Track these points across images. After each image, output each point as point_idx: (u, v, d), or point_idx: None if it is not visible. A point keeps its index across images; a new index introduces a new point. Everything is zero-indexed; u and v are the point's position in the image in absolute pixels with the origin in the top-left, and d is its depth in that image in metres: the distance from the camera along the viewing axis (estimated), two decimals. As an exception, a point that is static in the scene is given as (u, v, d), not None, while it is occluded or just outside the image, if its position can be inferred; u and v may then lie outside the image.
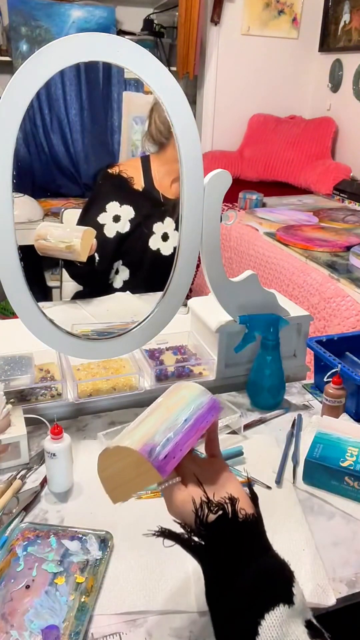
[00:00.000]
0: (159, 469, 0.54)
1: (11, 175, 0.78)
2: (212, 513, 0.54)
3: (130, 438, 0.57)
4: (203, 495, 0.55)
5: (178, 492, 0.57)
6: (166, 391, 0.66)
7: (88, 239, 1.28)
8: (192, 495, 0.56)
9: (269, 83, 3.28)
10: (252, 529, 0.55)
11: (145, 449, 0.55)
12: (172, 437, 0.57)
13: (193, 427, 0.59)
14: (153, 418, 0.60)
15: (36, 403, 0.98)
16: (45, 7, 2.78)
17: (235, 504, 0.55)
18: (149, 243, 1.46)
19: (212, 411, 0.62)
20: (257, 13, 3.12)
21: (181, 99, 0.85)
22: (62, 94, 2.78)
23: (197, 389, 0.64)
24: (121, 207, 1.46)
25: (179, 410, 0.60)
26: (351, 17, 2.96)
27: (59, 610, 0.64)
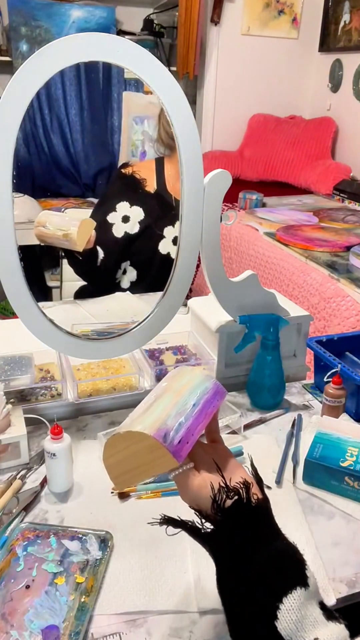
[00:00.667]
0: (174, 454, 0.53)
1: (11, 175, 0.78)
2: (229, 498, 0.54)
3: (142, 423, 0.56)
4: (221, 480, 0.55)
5: (193, 477, 0.56)
6: (168, 375, 0.65)
7: (86, 229, 1.29)
8: (209, 481, 0.55)
9: (269, 83, 3.28)
10: (264, 513, 0.55)
11: (160, 434, 0.54)
12: (183, 422, 0.56)
13: (202, 411, 0.59)
14: (162, 402, 0.59)
15: (36, 403, 0.98)
16: (45, 7, 2.78)
17: (249, 489, 0.55)
18: (159, 246, 1.45)
19: (217, 395, 0.62)
20: (257, 13, 3.12)
21: (181, 99, 0.85)
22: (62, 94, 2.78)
23: (201, 373, 0.64)
24: (131, 208, 1.46)
25: (186, 395, 0.60)
26: (351, 17, 2.96)
27: (59, 610, 0.64)
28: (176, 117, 0.86)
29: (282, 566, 0.51)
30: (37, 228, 1.24)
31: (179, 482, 0.58)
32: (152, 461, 0.55)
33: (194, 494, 0.56)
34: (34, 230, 1.24)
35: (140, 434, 0.54)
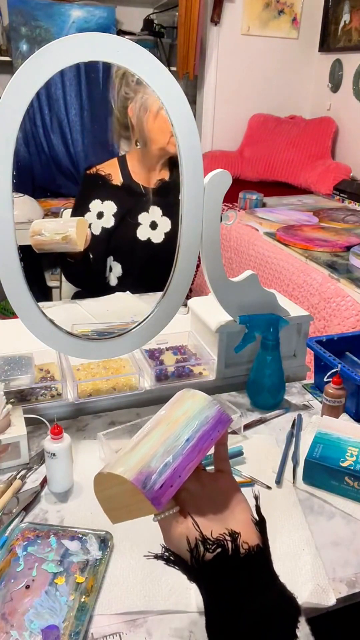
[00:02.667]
0: (153, 501, 0.49)
1: (11, 175, 0.78)
2: (209, 552, 0.50)
3: (125, 464, 0.52)
4: (198, 534, 0.51)
5: (175, 524, 0.52)
6: (170, 400, 0.61)
7: (82, 228, 1.30)
8: (186, 533, 0.51)
9: (269, 83, 3.28)
10: (255, 562, 0.51)
11: (139, 479, 0.50)
12: (170, 462, 0.52)
13: (195, 447, 0.54)
14: (152, 437, 0.55)
15: (36, 403, 0.98)
16: (45, 7, 2.78)
17: (236, 539, 0.51)
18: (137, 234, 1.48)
19: (218, 426, 0.57)
20: (257, 13, 3.12)
21: (181, 98, 0.85)
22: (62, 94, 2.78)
23: (203, 399, 0.59)
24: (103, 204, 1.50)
25: (181, 428, 0.55)
26: (351, 17, 2.96)
27: (59, 610, 0.64)
28: (176, 117, 0.86)
29: (270, 623, 0.48)
30: (33, 238, 1.24)
31: (162, 527, 0.54)
32: (134, 504, 0.51)
33: (175, 544, 0.52)
34: (31, 240, 1.24)
35: (119, 478, 0.51)
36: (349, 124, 3.07)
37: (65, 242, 1.26)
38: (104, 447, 0.90)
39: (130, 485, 0.50)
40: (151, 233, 1.47)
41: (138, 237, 1.47)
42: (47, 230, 1.25)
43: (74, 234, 1.25)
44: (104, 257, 1.51)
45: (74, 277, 1.59)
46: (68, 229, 1.26)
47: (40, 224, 1.27)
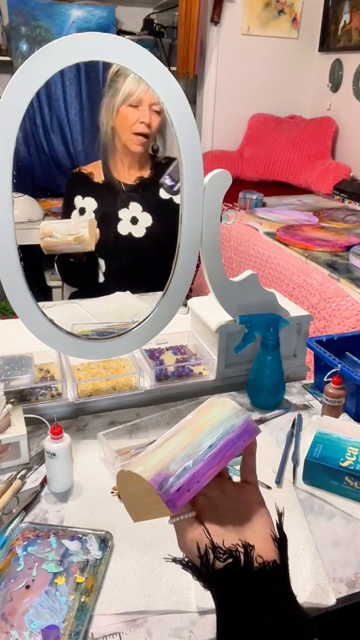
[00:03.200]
0: (168, 504, 0.49)
1: (11, 175, 0.78)
2: (220, 561, 0.49)
3: (145, 464, 0.52)
4: (208, 541, 0.50)
5: (189, 529, 0.52)
6: (200, 406, 0.60)
7: (93, 228, 1.33)
8: (198, 539, 0.51)
9: (269, 83, 3.28)
10: (270, 578, 0.49)
11: (157, 479, 0.50)
12: (189, 467, 0.51)
13: (218, 454, 0.53)
14: (175, 441, 0.54)
15: (36, 403, 0.98)
16: (45, 7, 2.78)
17: (249, 551, 0.50)
18: (118, 229, 1.50)
19: (244, 435, 0.56)
20: (257, 13, 3.12)
21: (181, 99, 0.85)
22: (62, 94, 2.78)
23: (231, 407, 0.58)
24: (84, 200, 1.53)
25: (205, 434, 0.54)
26: (351, 17, 2.96)
27: (59, 610, 0.64)
28: (176, 117, 0.86)
29: None
30: (43, 240, 1.27)
31: (177, 531, 0.54)
32: (153, 504, 0.51)
33: (187, 548, 0.52)
34: (41, 242, 1.27)
35: (138, 477, 0.51)
36: (349, 124, 3.07)
37: (77, 242, 1.28)
38: (104, 447, 0.90)
39: (148, 485, 0.50)
40: (132, 228, 1.50)
41: (119, 231, 1.50)
42: (58, 232, 1.27)
43: (87, 234, 1.28)
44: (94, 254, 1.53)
45: (73, 277, 1.62)
46: (80, 229, 1.28)
47: (50, 226, 1.29)
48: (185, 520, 0.52)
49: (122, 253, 1.53)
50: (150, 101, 1.41)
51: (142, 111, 1.42)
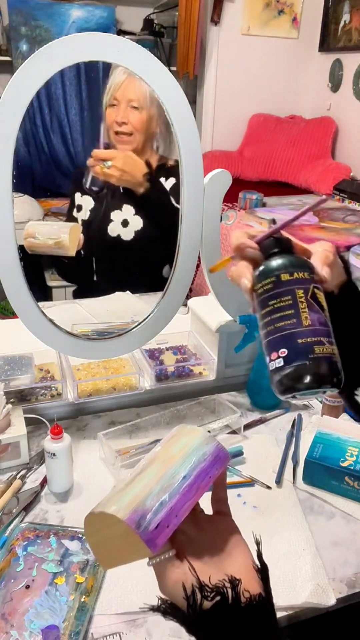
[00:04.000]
0: (148, 543, 0.45)
1: (11, 175, 0.78)
2: (208, 600, 0.46)
3: (118, 502, 0.48)
4: (195, 580, 0.47)
5: (171, 569, 0.48)
6: (165, 436, 0.57)
7: (75, 234, 1.33)
8: (182, 579, 0.47)
9: (269, 83, 3.27)
10: (257, 612, 0.47)
11: (134, 518, 0.46)
12: (166, 501, 0.48)
13: (192, 485, 0.50)
14: (147, 475, 0.51)
15: (36, 403, 0.98)
16: (45, 7, 2.78)
17: (237, 586, 0.47)
18: (108, 230, 1.51)
19: (216, 463, 0.53)
20: (257, 13, 3.12)
21: (181, 99, 0.85)
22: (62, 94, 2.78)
23: (200, 435, 0.55)
24: (82, 197, 1.54)
25: (177, 464, 0.51)
26: (351, 17, 2.96)
27: (59, 610, 0.64)
28: (176, 117, 0.86)
29: None
30: (26, 240, 1.27)
31: (157, 572, 0.49)
32: (130, 545, 0.47)
33: (170, 590, 0.48)
34: (24, 242, 1.26)
35: (112, 517, 0.47)
36: (349, 124, 3.07)
37: (57, 247, 1.28)
38: (104, 447, 0.90)
39: (124, 525, 0.46)
40: (121, 230, 1.51)
41: (109, 232, 1.51)
42: (41, 234, 1.27)
43: (67, 240, 1.28)
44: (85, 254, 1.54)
45: (67, 275, 1.65)
46: (61, 234, 1.28)
47: (34, 227, 1.29)
48: (165, 560, 0.49)
49: (109, 254, 1.54)
50: (126, 98, 1.40)
51: (119, 110, 1.42)
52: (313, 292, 0.52)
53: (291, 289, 0.52)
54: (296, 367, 0.49)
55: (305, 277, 0.53)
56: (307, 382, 0.49)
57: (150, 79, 0.83)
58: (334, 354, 0.50)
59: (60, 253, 1.31)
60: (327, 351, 0.50)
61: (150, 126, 1.45)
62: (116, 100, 1.41)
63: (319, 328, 0.50)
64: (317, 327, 0.50)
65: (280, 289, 0.53)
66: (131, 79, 1.38)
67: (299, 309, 0.51)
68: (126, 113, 1.42)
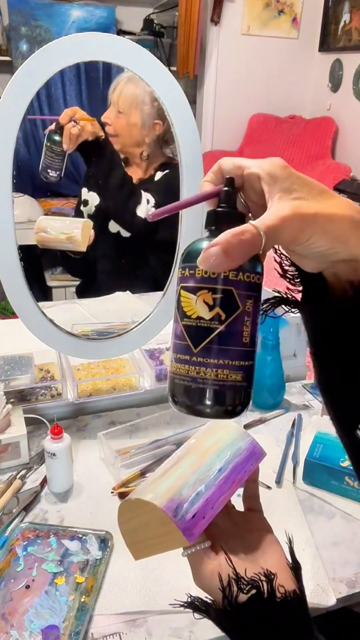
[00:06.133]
0: (185, 532, 0.45)
1: (11, 175, 0.78)
2: (244, 592, 0.46)
3: (154, 490, 0.48)
4: (232, 571, 0.47)
5: (207, 561, 0.48)
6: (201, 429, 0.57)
7: (87, 230, 1.34)
8: (219, 570, 0.47)
9: (269, 83, 3.28)
10: (293, 608, 0.46)
11: (171, 506, 0.46)
12: (202, 492, 0.48)
13: (228, 478, 0.50)
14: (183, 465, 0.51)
15: (36, 403, 0.98)
16: (45, 7, 2.78)
17: (272, 580, 0.46)
18: (109, 226, 1.52)
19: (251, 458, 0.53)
20: (257, 13, 3.12)
21: (181, 99, 0.85)
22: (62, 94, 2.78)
23: (235, 430, 0.55)
24: (89, 193, 1.55)
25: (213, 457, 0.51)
26: (351, 17, 2.96)
27: (59, 610, 0.64)
28: (176, 117, 0.86)
29: None
30: (38, 234, 1.28)
31: (192, 563, 0.50)
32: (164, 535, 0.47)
33: (205, 581, 0.48)
34: (35, 236, 1.27)
35: (149, 504, 0.47)
36: (349, 124, 3.07)
37: (69, 242, 1.29)
38: (104, 447, 0.90)
39: (161, 512, 0.46)
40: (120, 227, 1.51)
41: (109, 229, 1.51)
42: (53, 229, 1.28)
43: (79, 235, 1.28)
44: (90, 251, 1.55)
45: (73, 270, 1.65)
46: (73, 229, 1.29)
47: (46, 222, 1.30)
48: (200, 551, 0.49)
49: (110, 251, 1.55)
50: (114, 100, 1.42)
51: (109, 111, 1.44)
52: (179, 294, 0.40)
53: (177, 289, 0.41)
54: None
55: (180, 276, 0.41)
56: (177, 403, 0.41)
57: (150, 79, 0.83)
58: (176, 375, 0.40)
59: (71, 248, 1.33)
60: (171, 370, 0.41)
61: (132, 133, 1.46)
62: (110, 101, 1.44)
63: (173, 342, 0.41)
64: (172, 340, 0.41)
65: None
66: (124, 83, 1.40)
67: None
68: (111, 114, 1.45)
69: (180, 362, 0.39)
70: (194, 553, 0.49)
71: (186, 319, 0.39)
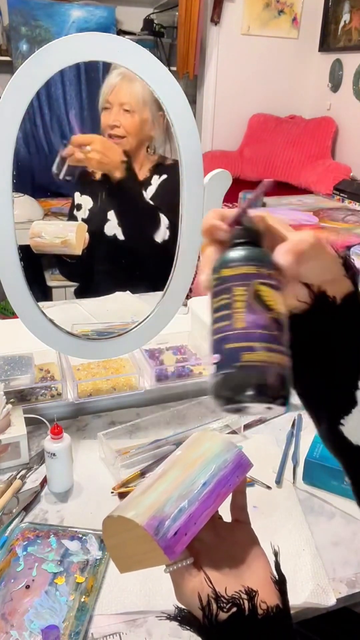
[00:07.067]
0: (166, 550, 0.45)
1: (11, 175, 0.78)
2: (223, 611, 0.45)
3: (137, 507, 0.47)
4: (211, 590, 0.46)
5: (188, 578, 0.47)
6: (187, 441, 0.56)
7: (81, 233, 1.34)
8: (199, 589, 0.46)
9: (269, 83, 3.28)
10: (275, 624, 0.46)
11: (152, 524, 0.45)
12: (185, 508, 0.47)
13: (212, 492, 0.49)
14: (166, 480, 0.50)
15: (36, 403, 0.98)
16: (45, 7, 2.78)
17: (253, 598, 0.46)
18: (105, 229, 1.52)
19: (237, 471, 0.52)
20: (257, 13, 3.12)
21: (181, 98, 0.85)
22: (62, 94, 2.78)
23: (221, 441, 0.54)
24: (81, 197, 1.55)
25: (197, 471, 0.50)
26: (351, 17, 2.96)
27: (59, 610, 0.64)
28: (176, 117, 0.86)
29: None
30: (32, 239, 1.28)
31: (174, 580, 0.49)
32: (147, 552, 0.46)
33: (186, 599, 0.47)
34: (30, 242, 1.27)
35: (131, 522, 0.46)
36: (349, 124, 3.07)
37: (64, 246, 1.29)
38: (104, 447, 0.90)
39: (142, 530, 0.45)
40: (118, 230, 1.51)
41: (105, 232, 1.51)
42: (47, 233, 1.28)
43: (74, 238, 1.28)
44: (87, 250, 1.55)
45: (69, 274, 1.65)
46: (68, 233, 1.29)
47: (41, 227, 1.30)
48: (182, 568, 0.48)
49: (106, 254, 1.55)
50: (117, 101, 1.40)
51: (112, 113, 1.42)
52: (256, 289, 0.43)
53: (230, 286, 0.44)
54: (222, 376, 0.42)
55: (252, 272, 0.44)
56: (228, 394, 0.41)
57: (150, 79, 0.83)
58: (270, 364, 0.41)
59: (66, 252, 1.32)
60: (258, 359, 0.41)
61: (143, 129, 1.45)
62: (109, 103, 1.41)
63: (253, 332, 0.42)
64: (252, 330, 0.42)
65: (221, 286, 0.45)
66: (124, 82, 1.39)
67: (233, 308, 0.43)
68: (118, 116, 1.42)
69: (254, 351, 0.41)
70: (176, 570, 0.48)
71: (271, 311, 0.43)
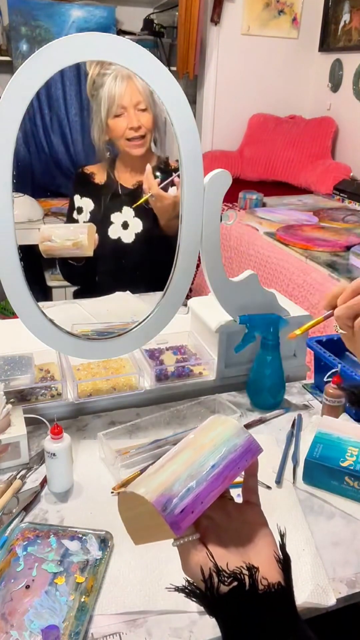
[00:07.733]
0: (172, 526, 0.48)
1: (11, 175, 0.78)
2: (225, 584, 0.48)
3: (147, 485, 0.51)
4: (212, 565, 0.49)
5: (194, 552, 0.51)
6: (202, 424, 0.59)
7: (92, 234, 1.34)
8: (202, 562, 0.50)
9: (269, 83, 3.28)
10: (275, 600, 0.49)
11: (160, 501, 0.49)
12: (193, 488, 0.50)
13: (220, 474, 0.52)
14: (178, 461, 0.53)
15: (36, 403, 0.98)
16: (45, 7, 2.78)
17: (254, 573, 0.49)
18: (109, 232, 1.52)
19: (246, 455, 0.55)
20: (257, 13, 3.12)
21: (181, 98, 0.85)
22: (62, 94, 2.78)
23: (234, 427, 0.57)
24: (82, 199, 1.55)
25: (207, 453, 0.54)
26: (351, 17, 2.96)
27: (59, 610, 0.64)
28: (176, 117, 0.86)
29: None
30: (43, 244, 1.28)
31: (181, 554, 0.53)
32: (156, 526, 0.50)
33: (191, 572, 0.51)
34: (40, 246, 1.28)
35: (140, 498, 0.50)
36: (349, 124, 3.07)
37: (76, 247, 1.29)
38: (104, 447, 0.90)
39: (151, 506, 0.49)
40: (122, 232, 1.52)
41: (109, 235, 1.51)
42: (58, 237, 1.28)
43: (85, 240, 1.28)
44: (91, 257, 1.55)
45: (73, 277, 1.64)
46: (79, 235, 1.29)
47: (49, 230, 1.31)
48: (189, 542, 0.52)
49: (111, 256, 1.55)
50: (132, 103, 1.39)
51: (128, 117, 1.41)
52: None
53: None
54: None
55: None
56: None
57: (150, 79, 0.83)
58: None
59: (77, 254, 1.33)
60: None
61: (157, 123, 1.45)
62: (123, 108, 1.40)
63: None
64: None
65: None
66: (129, 83, 1.38)
67: None
68: (137, 117, 1.41)
69: None
70: (182, 544, 0.52)
71: None
